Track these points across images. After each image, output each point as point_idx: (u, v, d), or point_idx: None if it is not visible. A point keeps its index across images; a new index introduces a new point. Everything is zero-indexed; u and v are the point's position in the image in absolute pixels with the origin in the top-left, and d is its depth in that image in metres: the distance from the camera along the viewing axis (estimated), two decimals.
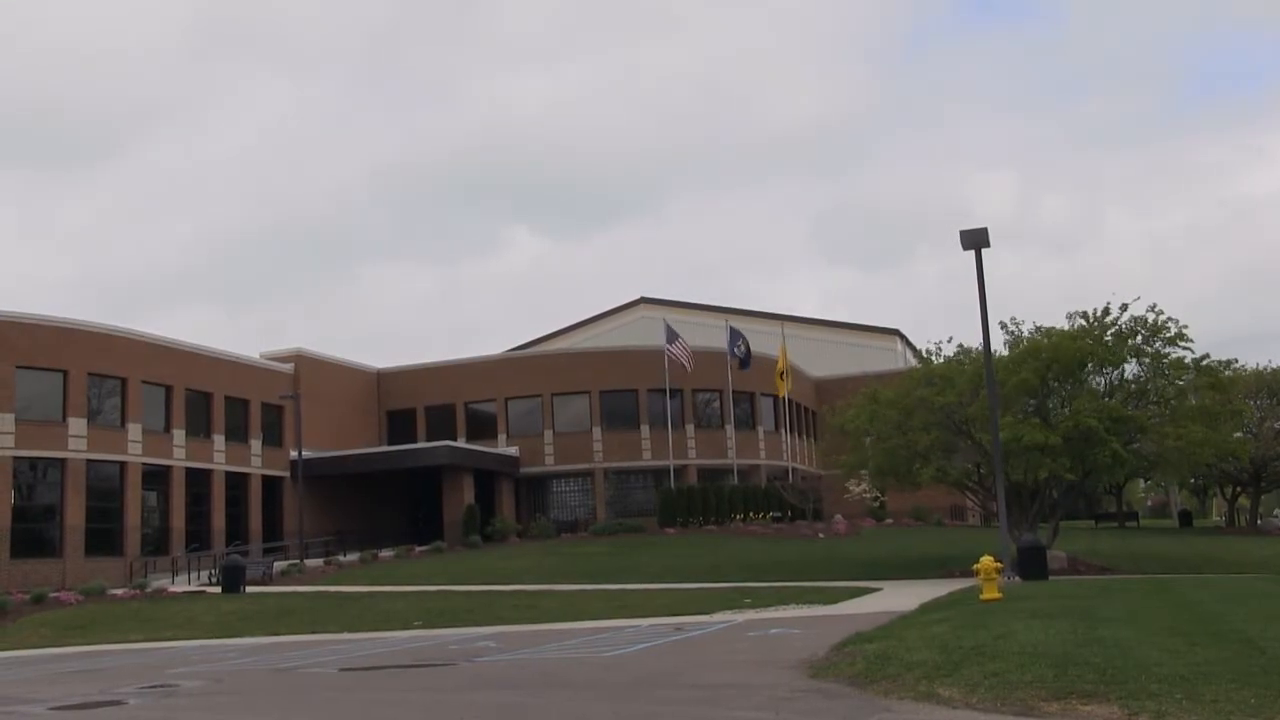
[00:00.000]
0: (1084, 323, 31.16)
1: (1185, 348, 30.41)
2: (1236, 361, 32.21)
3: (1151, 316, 30.58)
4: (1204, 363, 30.72)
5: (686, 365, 50.94)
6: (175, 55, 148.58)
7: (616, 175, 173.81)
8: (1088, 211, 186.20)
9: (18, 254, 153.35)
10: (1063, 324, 31.52)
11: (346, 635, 22.24)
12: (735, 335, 52.71)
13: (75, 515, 39.23)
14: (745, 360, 52.36)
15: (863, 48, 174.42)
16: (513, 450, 52.79)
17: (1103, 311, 31.17)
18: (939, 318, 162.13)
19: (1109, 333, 30.66)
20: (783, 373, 53.08)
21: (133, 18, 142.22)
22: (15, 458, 38.19)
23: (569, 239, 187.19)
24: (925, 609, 18.28)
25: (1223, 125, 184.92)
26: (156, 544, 42.42)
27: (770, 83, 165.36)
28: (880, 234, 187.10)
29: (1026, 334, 31.85)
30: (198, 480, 44.84)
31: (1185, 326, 30.30)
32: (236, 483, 46.89)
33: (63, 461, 39.36)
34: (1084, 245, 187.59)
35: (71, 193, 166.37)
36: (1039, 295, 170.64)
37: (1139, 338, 30.65)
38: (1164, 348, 30.53)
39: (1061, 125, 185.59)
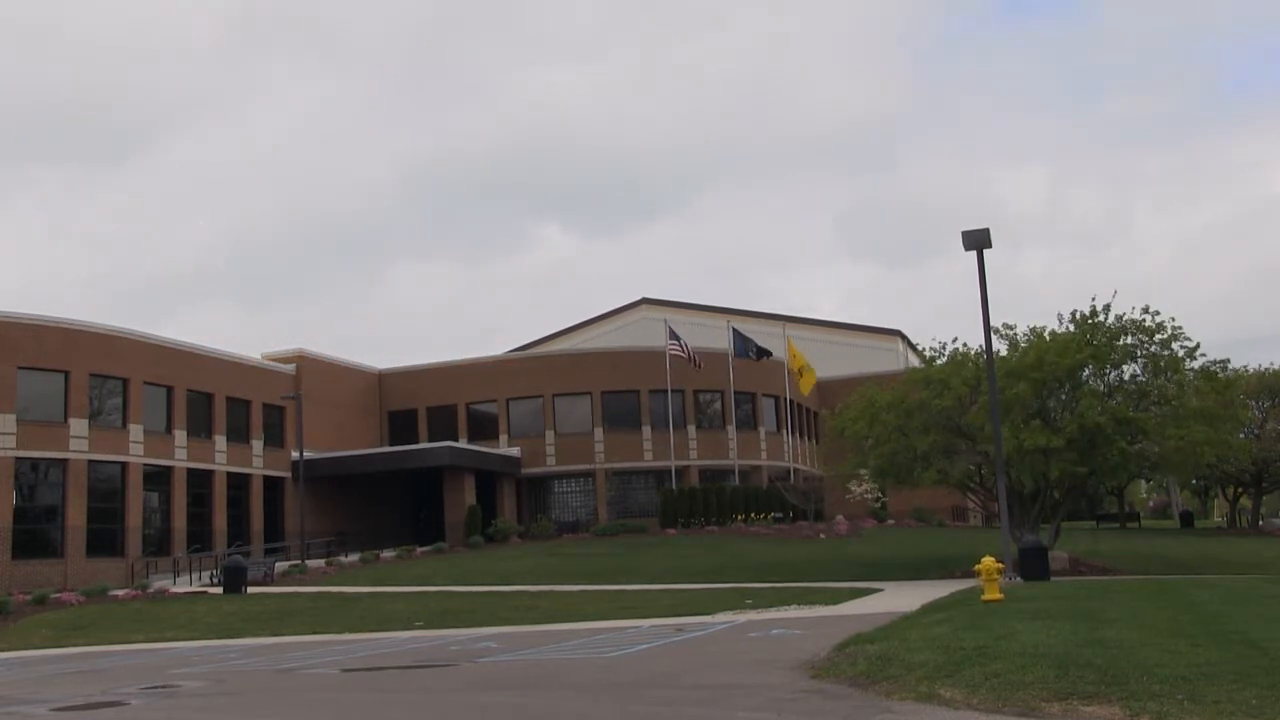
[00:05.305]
0: (1073, 326, 31.00)
1: (1183, 347, 30.32)
2: (1230, 362, 32.25)
3: (1148, 319, 30.50)
4: (1198, 353, 30.54)
5: (697, 363, 51.11)
6: (208, 53, 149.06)
7: (643, 173, 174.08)
8: (1117, 209, 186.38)
9: (45, 252, 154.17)
10: (1056, 325, 31.41)
11: (348, 636, 22.25)
12: (740, 338, 52.77)
13: (77, 516, 39.24)
14: (760, 352, 52.58)
15: (892, 45, 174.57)
16: (514, 451, 52.79)
17: (1090, 311, 31.06)
18: (963, 315, 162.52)
19: (1100, 334, 30.49)
20: (801, 369, 53.14)
21: (165, 15, 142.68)
22: (17, 458, 38.20)
23: (596, 237, 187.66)
24: (927, 610, 18.26)
25: (1253, 122, 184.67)
26: (158, 545, 42.44)
27: (800, 80, 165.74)
28: (907, 232, 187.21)
29: (1022, 334, 31.77)
30: (199, 481, 44.85)
31: (1180, 327, 30.28)
32: (238, 483, 46.90)
33: (64, 462, 39.38)
34: (1113, 243, 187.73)
35: (102, 190, 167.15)
36: (1065, 292, 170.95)
37: (1130, 338, 30.54)
38: (1160, 349, 30.45)
39: (1092, 123, 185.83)
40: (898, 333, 71.27)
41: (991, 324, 27.32)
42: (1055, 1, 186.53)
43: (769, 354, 53.19)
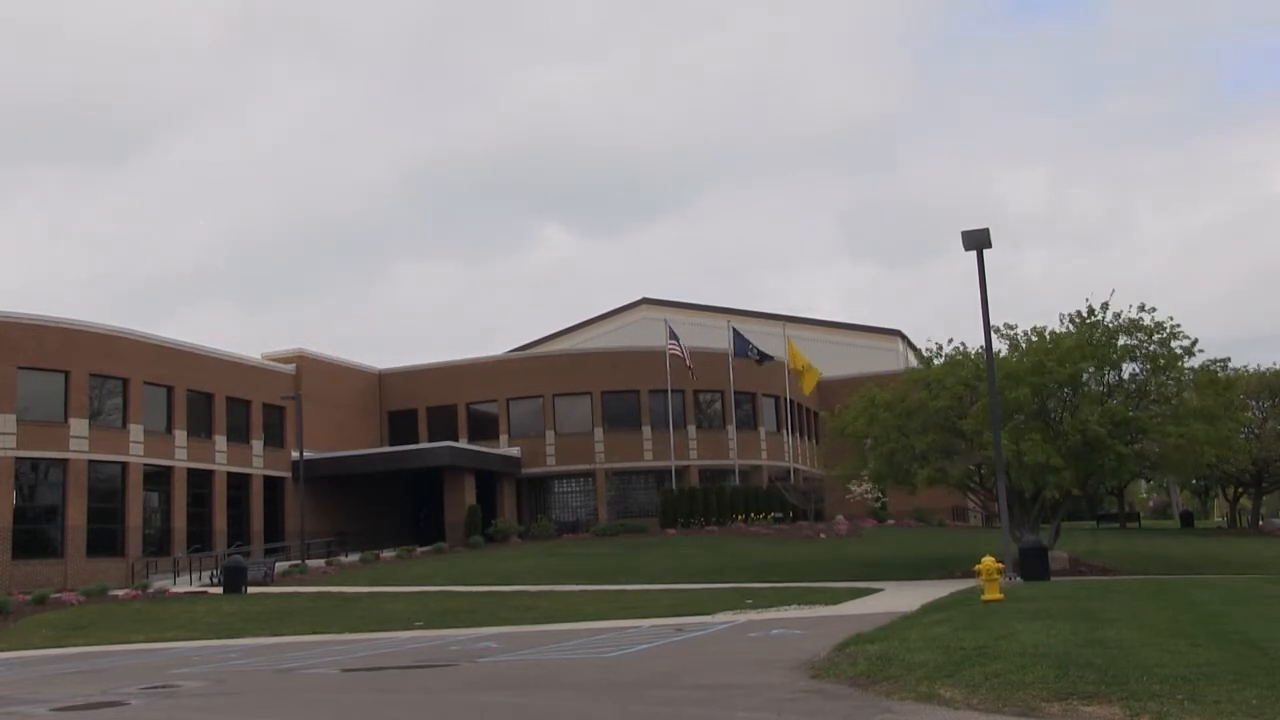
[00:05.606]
0: (1072, 327, 30.96)
1: (1180, 346, 30.28)
2: (1230, 361, 32.31)
3: (1145, 317, 30.47)
4: (1196, 349, 30.48)
5: (690, 366, 50.98)
6: (208, 53, 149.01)
7: (643, 173, 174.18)
8: (1117, 209, 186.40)
9: (47, 252, 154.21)
10: (1057, 326, 31.38)
11: (348, 636, 22.25)
12: (741, 339, 52.49)
13: (77, 516, 39.24)
14: (761, 356, 52.29)
15: (892, 45, 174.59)
16: (514, 451, 52.79)
17: (1089, 311, 31.05)
18: (963, 315, 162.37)
19: (1098, 333, 30.46)
20: (803, 369, 53.02)
21: (165, 15, 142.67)
22: (17, 458, 38.21)
23: (596, 237, 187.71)
24: (927, 610, 18.25)
25: (1253, 122, 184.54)
26: (158, 544, 42.44)
27: (800, 80, 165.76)
28: (907, 232, 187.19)
29: (1023, 334, 31.74)
30: (199, 481, 44.85)
31: (1178, 326, 30.27)
32: (238, 483, 46.90)
33: (64, 462, 39.38)
34: (1113, 243, 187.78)
35: (102, 190, 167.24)
36: (1065, 292, 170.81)
37: (1131, 337, 30.49)
38: (1159, 349, 30.40)
39: (1092, 123, 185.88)
40: (898, 333, 71.28)
41: (992, 324, 27.32)
42: (1056, 1, 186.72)
43: (771, 358, 53.01)
